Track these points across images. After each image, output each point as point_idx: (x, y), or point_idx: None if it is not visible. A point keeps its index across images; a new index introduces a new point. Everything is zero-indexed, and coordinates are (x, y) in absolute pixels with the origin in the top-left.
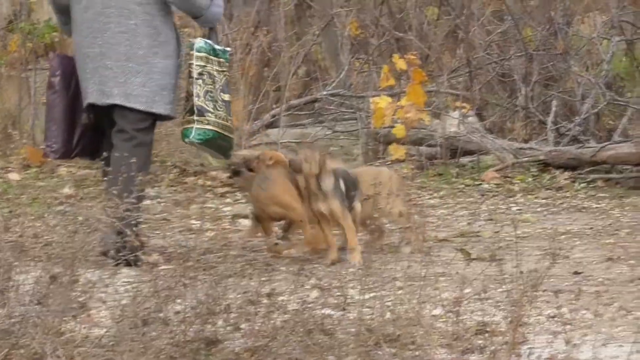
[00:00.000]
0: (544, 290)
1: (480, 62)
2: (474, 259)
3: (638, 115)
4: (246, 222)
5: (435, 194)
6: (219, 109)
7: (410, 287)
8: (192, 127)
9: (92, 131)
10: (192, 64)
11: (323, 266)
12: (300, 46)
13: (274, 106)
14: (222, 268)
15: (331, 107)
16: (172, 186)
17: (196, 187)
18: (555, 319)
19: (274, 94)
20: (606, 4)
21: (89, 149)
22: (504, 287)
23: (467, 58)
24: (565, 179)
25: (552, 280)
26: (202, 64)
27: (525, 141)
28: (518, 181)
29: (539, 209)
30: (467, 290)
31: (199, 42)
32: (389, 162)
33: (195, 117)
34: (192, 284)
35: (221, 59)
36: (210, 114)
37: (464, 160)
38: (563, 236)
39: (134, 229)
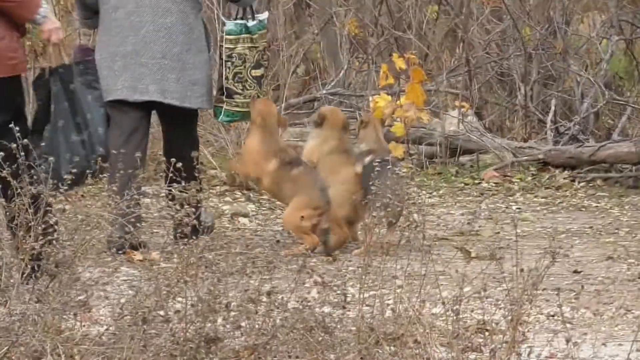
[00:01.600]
0: (544, 289)
1: (479, 61)
2: (473, 257)
3: (637, 114)
4: (245, 221)
5: (434, 193)
6: (248, 88)
7: (410, 285)
8: (222, 108)
9: None
10: (222, 46)
11: (324, 263)
12: (299, 45)
13: None
14: (223, 266)
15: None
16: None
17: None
18: (555, 317)
19: (273, 93)
20: (605, 4)
21: None
22: (503, 285)
23: (466, 57)
24: (565, 178)
25: (552, 279)
26: (231, 46)
27: (525, 140)
28: (517, 180)
29: (538, 208)
30: (467, 289)
31: (229, 24)
32: None
33: (224, 99)
34: (193, 281)
35: (254, 35)
36: (238, 96)
37: (463, 159)
38: (563, 235)
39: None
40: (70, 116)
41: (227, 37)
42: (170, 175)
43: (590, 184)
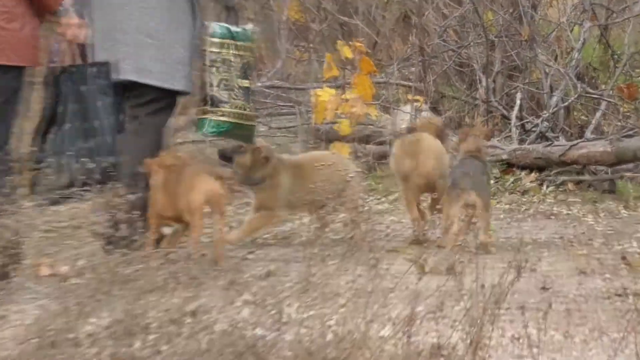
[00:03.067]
0: (508, 308)
1: (435, 50)
2: (428, 272)
3: (613, 110)
4: (167, 230)
5: (384, 199)
6: (235, 97)
7: (356, 304)
8: (207, 119)
9: None
10: (206, 50)
11: (256, 279)
12: None
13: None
14: (142, 282)
15: (267, 101)
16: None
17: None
18: (520, 340)
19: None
20: None
21: None
22: (462, 304)
23: (420, 45)
24: (532, 182)
25: (516, 296)
26: (217, 50)
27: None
28: None
29: (501, 216)
30: (420, 308)
31: (214, 26)
32: None
33: (209, 108)
34: (107, 299)
35: (239, 42)
36: (225, 105)
37: None
38: (529, 246)
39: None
40: (79, 120)
41: (212, 39)
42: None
43: (561, 188)
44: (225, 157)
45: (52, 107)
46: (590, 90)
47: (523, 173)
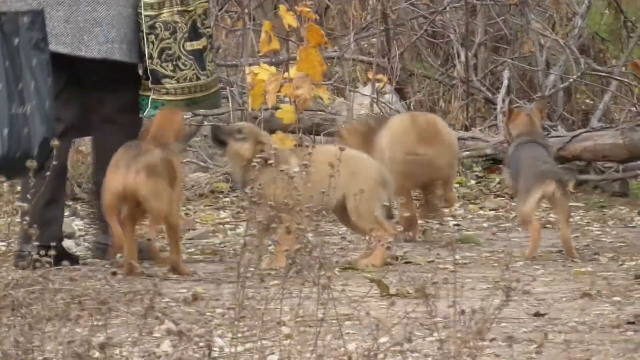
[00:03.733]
0: (493, 339)
1: (401, 17)
2: (393, 294)
3: (626, 92)
4: (70, 243)
5: None
6: (182, 67)
7: (303, 334)
8: (148, 97)
9: None
10: (141, 14)
11: (180, 304)
12: None
13: None
14: (38, 308)
15: None
16: None
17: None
18: None
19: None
20: None
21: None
22: (435, 334)
23: (382, 11)
24: None
25: (504, 324)
26: (154, 13)
27: (466, 128)
28: (456, 184)
29: (485, 225)
30: (383, 339)
31: None
32: None
33: (150, 84)
34: None
35: None
36: (169, 80)
37: None
38: (520, 263)
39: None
40: (13, 81)
41: (147, 0)
42: None
43: None
44: (219, 140)
45: None
46: (598, 67)
47: None
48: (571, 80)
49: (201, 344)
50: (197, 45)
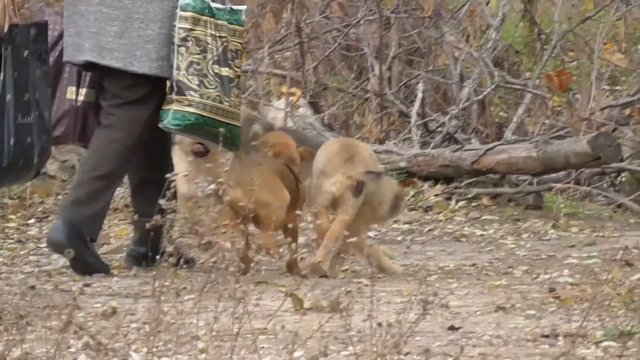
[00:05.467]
0: (408, 354)
1: (315, 30)
2: (308, 308)
3: (540, 104)
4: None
5: None
6: (207, 85)
7: (218, 348)
8: (170, 109)
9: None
10: (175, 26)
11: (97, 318)
12: None
13: None
14: None
15: None
16: None
17: None
18: None
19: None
20: None
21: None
22: (350, 348)
23: (297, 24)
24: (437, 195)
25: (419, 338)
26: (188, 26)
27: (381, 141)
28: None
29: (399, 238)
30: (298, 353)
31: None
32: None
33: (174, 97)
34: None
35: (221, 21)
36: (193, 93)
37: None
38: (434, 276)
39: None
40: (20, 91)
41: (183, 13)
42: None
43: (474, 203)
44: None
45: None
46: (512, 80)
47: (426, 185)
48: (485, 93)
49: (116, 359)
50: (224, 72)
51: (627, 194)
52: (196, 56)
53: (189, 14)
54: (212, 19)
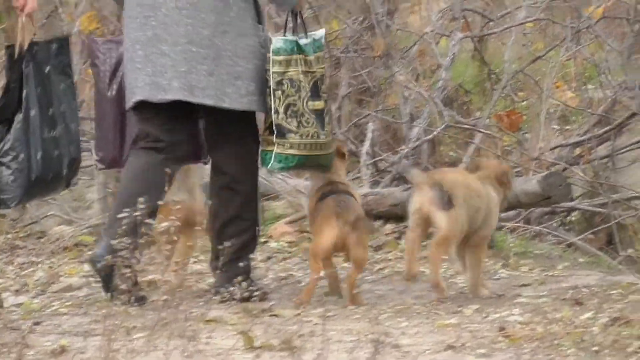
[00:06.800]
0: None
1: None
2: (258, 347)
3: (490, 143)
4: None
5: (202, 257)
6: (305, 124)
7: None
8: (272, 152)
9: None
10: (269, 70)
11: (47, 356)
12: None
13: None
14: None
15: None
16: None
17: None
18: None
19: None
20: None
21: None
22: None
23: None
24: (387, 234)
25: None
26: (282, 70)
27: None
28: None
29: None
30: None
31: (277, 41)
32: None
33: (275, 139)
34: None
35: (308, 56)
36: (293, 135)
37: None
38: (385, 315)
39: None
40: (45, 106)
41: (275, 57)
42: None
43: (424, 243)
44: None
45: (17, 91)
46: (462, 120)
47: (377, 224)
48: (435, 132)
49: None
50: (317, 105)
51: (577, 233)
52: (292, 98)
53: (281, 57)
54: (301, 56)
